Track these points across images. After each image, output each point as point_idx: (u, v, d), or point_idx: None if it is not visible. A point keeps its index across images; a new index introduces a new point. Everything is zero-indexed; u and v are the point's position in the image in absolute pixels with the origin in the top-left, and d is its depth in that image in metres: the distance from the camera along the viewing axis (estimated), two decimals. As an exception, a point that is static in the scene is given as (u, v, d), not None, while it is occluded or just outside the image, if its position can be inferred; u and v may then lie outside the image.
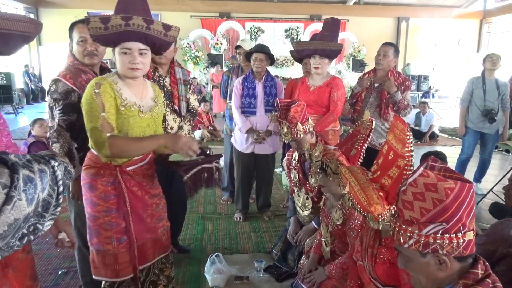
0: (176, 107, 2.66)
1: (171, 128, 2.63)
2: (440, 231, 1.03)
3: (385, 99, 3.28)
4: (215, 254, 2.67)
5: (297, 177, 2.70)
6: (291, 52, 3.91)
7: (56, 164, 1.01)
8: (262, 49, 3.39)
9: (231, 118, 3.86)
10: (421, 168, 1.05)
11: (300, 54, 3.41)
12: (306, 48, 3.25)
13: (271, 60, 3.41)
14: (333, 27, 3.18)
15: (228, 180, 4.07)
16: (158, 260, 2.04)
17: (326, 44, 3.10)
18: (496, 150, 6.11)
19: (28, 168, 0.89)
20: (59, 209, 1.01)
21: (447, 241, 1.03)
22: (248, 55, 3.47)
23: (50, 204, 0.96)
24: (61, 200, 1.02)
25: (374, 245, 1.64)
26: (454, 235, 1.03)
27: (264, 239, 3.27)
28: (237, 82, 3.46)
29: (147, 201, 1.92)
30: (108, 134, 1.70)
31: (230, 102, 3.84)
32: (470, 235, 1.04)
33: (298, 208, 2.62)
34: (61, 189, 1.01)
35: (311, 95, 3.24)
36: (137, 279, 1.93)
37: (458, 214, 1.02)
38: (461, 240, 1.03)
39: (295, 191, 2.67)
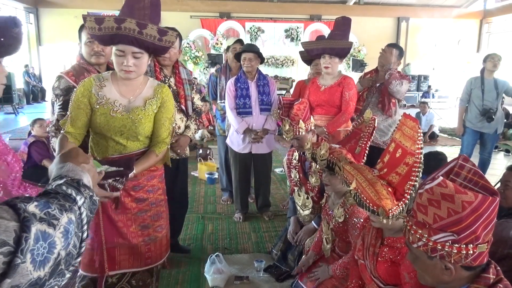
0: (183, 107, 2.68)
1: (179, 128, 2.66)
2: (450, 241, 1.01)
3: (387, 95, 3.27)
4: (215, 254, 2.67)
5: (298, 177, 2.70)
6: (300, 53, 3.86)
7: (82, 201, 0.83)
8: (251, 49, 3.38)
9: (223, 119, 3.86)
10: (440, 177, 1.00)
11: (310, 53, 3.36)
12: (315, 47, 3.22)
13: (260, 59, 3.41)
14: (343, 26, 3.15)
15: (226, 181, 4.06)
16: (138, 272, 1.96)
17: (335, 43, 3.07)
18: (496, 150, 6.11)
19: (49, 222, 0.70)
20: (79, 259, 0.82)
21: (456, 251, 1.00)
22: (237, 55, 3.47)
23: (72, 257, 0.77)
24: (83, 248, 0.82)
25: (376, 244, 1.64)
26: (464, 246, 1.00)
27: (264, 239, 3.27)
28: (229, 84, 3.44)
29: (126, 204, 1.86)
30: (62, 131, 1.83)
31: (221, 103, 3.84)
32: (483, 248, 1.01)
33: (298, 208, 2.63)
34: (85, 235, 0.82)
35: (322, 95, 3.20)
36: (100, 283, 1.88)
37: (472, 227, 0.98)
38: (471, 252, 1.00)
39: (295, 190, 2.67)
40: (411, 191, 1.28)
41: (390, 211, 1.31)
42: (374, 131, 3.38)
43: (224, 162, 4.02)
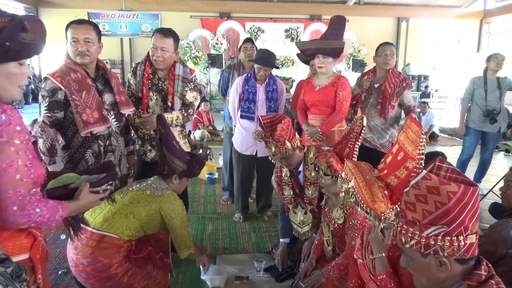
0: (169, 103, 2.61)
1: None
2: (441, 234, 1.03)
3: (388, 97, 3.25)
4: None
5: (291, 193, 2.61)
6: (298, 54, 3.86)
7: None
8: (267, 61, 3.25)
9: (230, 116, 3.85)
10: (424, 171, 1.04)
11: (304, 53, 3.36)
12: (309, 47, 3.22)
13: (275, 67, 3.36)
14: (338, 25, 3.13)
15: (228, 180, 4.05)
16: None
17: (328, 43, 3.07)
18: (496, 150, 6.11)
19: None
20: None
21: (448, 244, 1.03)
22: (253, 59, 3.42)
23: None
24: None
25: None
26: (455, 238, 1.02)
27: (264, 239, 3.27)
28: (237, 82, 3.39)
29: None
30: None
31: None
32: (472, 238, 1.03)
33: (295, 226, 2.56)
34: None
35: (317, 94, 3.20)
36: None
37: (460, 217, 1.01)
38: (462, 243, 1.02)
39: (291, 208, 2.60)
40: None
41: (383, 214, 1.32)
42: (372, 133, 3.37)
43: (228, 161, 3.98)
